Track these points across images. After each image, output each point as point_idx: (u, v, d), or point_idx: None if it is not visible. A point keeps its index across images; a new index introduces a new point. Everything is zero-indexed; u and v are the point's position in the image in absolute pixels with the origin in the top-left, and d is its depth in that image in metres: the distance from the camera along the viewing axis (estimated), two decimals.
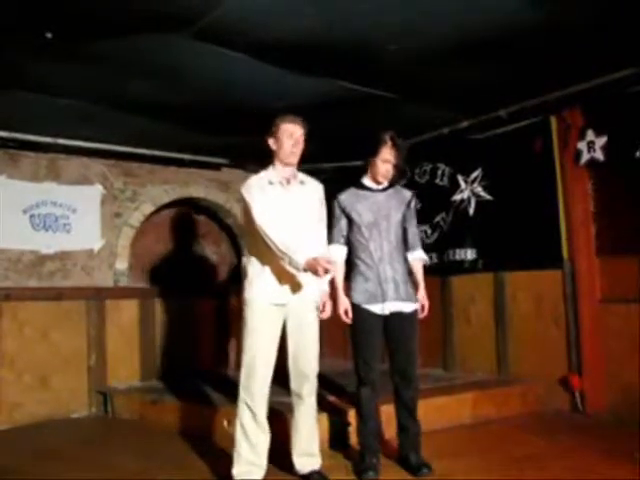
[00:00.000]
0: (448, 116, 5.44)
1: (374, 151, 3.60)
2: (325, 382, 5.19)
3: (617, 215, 4.76)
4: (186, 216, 7.01)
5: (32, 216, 5.69)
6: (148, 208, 6.38)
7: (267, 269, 3.37)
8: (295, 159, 3.46)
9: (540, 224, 5.17)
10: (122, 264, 6.16)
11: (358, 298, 3.58)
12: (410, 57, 4.03)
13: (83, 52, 3.79)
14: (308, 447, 3.48)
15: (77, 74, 4.12)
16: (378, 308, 3.55)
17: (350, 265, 3.72)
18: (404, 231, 3.69)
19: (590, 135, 4.83)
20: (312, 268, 3.17)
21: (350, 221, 3.67)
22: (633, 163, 4.53)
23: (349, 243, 3.71)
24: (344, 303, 3.63)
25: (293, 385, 3.46)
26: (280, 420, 3.91)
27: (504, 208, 5.48)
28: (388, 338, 3.61)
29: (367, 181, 3.70)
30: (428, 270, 3.76)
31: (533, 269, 5.23)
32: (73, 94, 4.49)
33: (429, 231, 6.00)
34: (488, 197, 5.64)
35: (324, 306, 3.51)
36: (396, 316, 3.56)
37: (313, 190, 3.56)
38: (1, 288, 5.43)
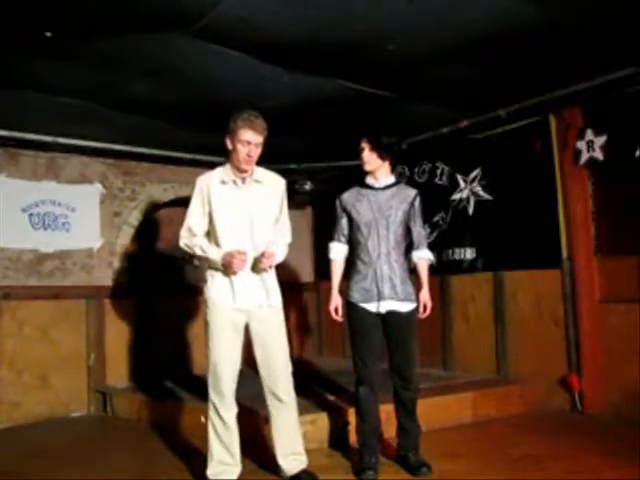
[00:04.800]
0: (447, 115, 5.44)
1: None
2: (324, 381, 5.20)
3: (616, 215, 4.75)
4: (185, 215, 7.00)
5: (31, 215, 5.69)
6: (147, 207, 6.37)
7: (221, 274, 3.36)
8: (250, 166, 3.36)
9: (539, 223, 5.18)
10: (121, 263, 6.16)
11: (355, 296, 3.58)
12: (409, 56, 4.03)
13: (82, 51, 3.79)
14: (293, 447, 3.46)
15: (76, 73, 4.12)
16: (374, 307, 3.55)
17: (349, 264, 3.73)
18: (408, 230, 3.68)
19: (589, 134, 4.83)
20: (226, 262, 3.24)
21: (350, 220, 3.67)
22: (633, 163, 4.53)
23: (350, 242, 3.72)
24: (335, 301, 3.68)
25: (266, 388, 3.44)
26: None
27: (503, 207, 5.48)
28: (386, 338, 3.61)
29: (370, 180, 3.70)
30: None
31: (532, 268, 5.23)
32: (73, 93, 4.49)
33: (428, 230, 6.00)
34: (487, 196, 5.65)
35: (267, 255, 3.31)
36: (393, 315, 3.55)
37: (271, 188, 3.49)
38: (0, 287, 5.43)
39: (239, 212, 3.35)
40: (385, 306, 3.54)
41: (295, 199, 5.68)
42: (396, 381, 3.61)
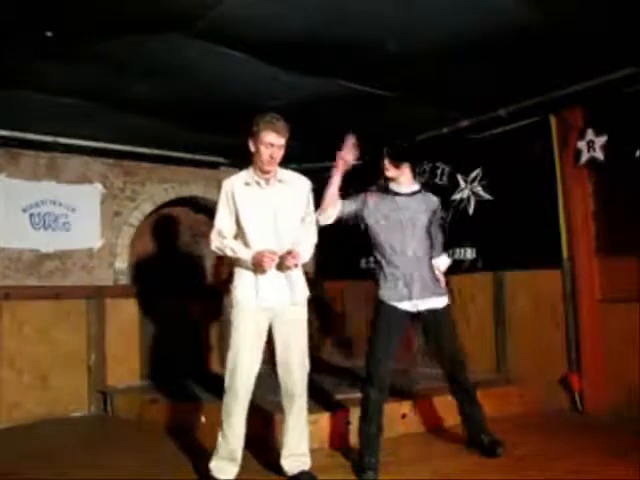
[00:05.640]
0: (448, 115, 5.44)
1: None
2: (325, 381, 5.20)
3: (617, 215, 4.75)
4: (185, 215, 7.01)
5: (32, 215, 5.69)
6: (148, 207, 6.38)
7: (250, 272, 3.38)
8: (272, 167, 3.40)
9: (540, 223, 5.17)
10: (122, 263, 6.16)
11: (386, 295, 3.65)
12: (410, 56, 4.03)
13: (83, 51, 3.79)
14: (296, 448, 3.47)
15: (77, 73, 4.12)
16: (407, 305, 3.64)
17: (378, 267, 3.77)
18: (430, 236, 3.81)
19: (590, 134, 4.83)
20: (256, 261, 3.28)
21: (376, 222, 3.73)
22: (633, 163, 4.53)
23: (377, 245, 3.75)
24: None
25: (283, 385, 3.46)
26: (271, 420, 3.94)
27: (504, 207, 5.48)
28: (428, 336, 3.80)
29: (394, 186, 3.78)
30: None
31: (533, 268, 5.22)
32: (73, 93, 4.49)
33: None
34: (488, 196, 5.64)
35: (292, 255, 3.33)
36: (431, 313, 3.68)
37: (295, 188, 3.51)
38: (1, 287, 5.43)
39: (264, 212, 3.39)
40: (420, 305, 3.66)
41: None
42: (450, 367, 3.80)
